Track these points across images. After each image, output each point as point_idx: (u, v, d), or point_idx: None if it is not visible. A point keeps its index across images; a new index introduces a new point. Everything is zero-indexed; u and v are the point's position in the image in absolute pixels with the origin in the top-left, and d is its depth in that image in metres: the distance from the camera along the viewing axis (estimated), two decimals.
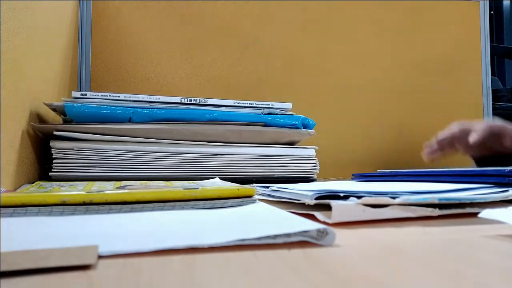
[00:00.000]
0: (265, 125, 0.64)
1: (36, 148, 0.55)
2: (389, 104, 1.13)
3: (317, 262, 0.18)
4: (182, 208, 0.30)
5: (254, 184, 0.46)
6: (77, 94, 0.59)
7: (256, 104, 0.66)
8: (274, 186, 0.39)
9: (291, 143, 0.68)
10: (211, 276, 0.16)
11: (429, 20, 1.16)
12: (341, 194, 0.30)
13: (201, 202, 0.31)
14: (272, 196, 0.37)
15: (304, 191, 0.32)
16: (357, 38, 1.11)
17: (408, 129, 1.14)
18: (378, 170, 0.57)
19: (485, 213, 0.29)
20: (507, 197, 0.31)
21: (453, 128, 0.68)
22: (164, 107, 0.61)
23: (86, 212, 0.28)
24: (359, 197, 0.28)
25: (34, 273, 0.16)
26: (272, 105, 0.66)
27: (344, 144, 1.08)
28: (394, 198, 0.29)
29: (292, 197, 0.33)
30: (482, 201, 0.30)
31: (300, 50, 1.07)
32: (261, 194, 0.40)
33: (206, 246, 0.20)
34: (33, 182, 0.50)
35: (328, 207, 0.28)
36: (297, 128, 0.65)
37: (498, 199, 0.30)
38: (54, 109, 0.59)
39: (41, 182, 0.48)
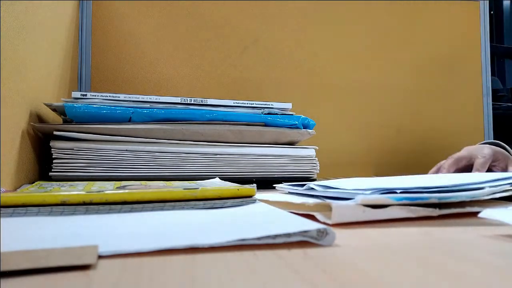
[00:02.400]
0: (265, 125, 0.64)
1: (36, 148, 0.55)
2: (389, 104, 1.13)
3: (317, 262, 0.18)
4: (182, 208, 0.30)
5: (283, 184, 0.44)
6: (77, 94, 0.59)
7: (256, 104, 0.66)
8: (311, 184, 0.37)
9: (291, 143, 0.68)
10: (211, 276, 0.16)
11: (429, 20, 1.16)
12: (398, 191, 0.29)
13: (201, 202, 0.31)
14: (307, 196, 0.35)
15: (353, 189, 0.31)
16: (357, 38, 1.11)
17: (407, 129, 1.14)
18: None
19: (485, 213, 0.29)
20: (504, 189, 0.30)
21: (462, 153, 0.68)
22: (164, 107, 0.61)
23: (86, 212, 0.28)
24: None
25: (34, 273, 0.16)
26: (272, 105, 0.66)
27: (344, 144, 1.08)
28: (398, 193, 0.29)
29: (340, 195, 0.32)
30: (482, 198, 0.29)
31: (300, 50, 1.07)
32: (288, 193, 0.38)
33: (206, 246, 0.20)
34: (33, 182, 0.50)
35: (328, 208, 0.28)
36: (297, 128, 0.65)
37: (497, 192, 0.30)
38: (54, 109, 0.59)
39: (41, 182, 0.48)
